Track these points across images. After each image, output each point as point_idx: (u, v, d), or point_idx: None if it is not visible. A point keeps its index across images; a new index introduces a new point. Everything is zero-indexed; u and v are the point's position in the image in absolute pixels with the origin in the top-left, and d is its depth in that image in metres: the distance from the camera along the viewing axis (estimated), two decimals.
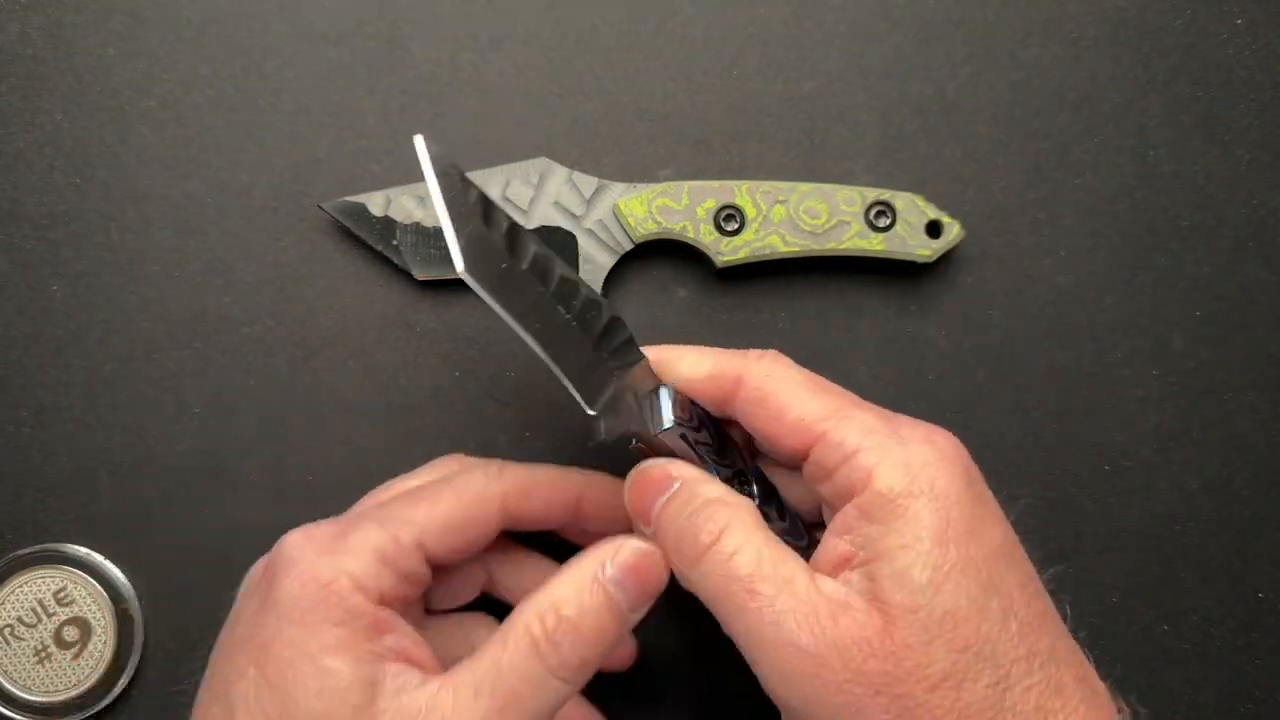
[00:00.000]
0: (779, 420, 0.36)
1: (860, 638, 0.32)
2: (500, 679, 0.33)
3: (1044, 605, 0.34)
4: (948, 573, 0.32)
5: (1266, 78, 0.49)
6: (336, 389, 0.46)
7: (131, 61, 0.47)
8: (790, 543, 0.35)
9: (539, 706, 0.33)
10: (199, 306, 0.46)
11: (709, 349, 0.38)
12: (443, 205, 0.33)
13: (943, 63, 0.48)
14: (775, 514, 0.38)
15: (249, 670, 0.33)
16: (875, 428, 0.35)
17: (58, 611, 0.45)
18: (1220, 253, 0.48)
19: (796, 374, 0.37)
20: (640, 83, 0.48)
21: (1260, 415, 0.48)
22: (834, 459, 0.34)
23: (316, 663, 0.32)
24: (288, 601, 0.33)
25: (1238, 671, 0.47)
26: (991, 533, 0.34)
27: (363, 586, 0.34)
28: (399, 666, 0.33)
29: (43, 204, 0.47)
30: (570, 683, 0.34)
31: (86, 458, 0.46)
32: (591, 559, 0.35)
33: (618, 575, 0.34)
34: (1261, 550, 0.47)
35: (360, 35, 0.47)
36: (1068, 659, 0.34)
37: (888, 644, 0.32)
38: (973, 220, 0.47)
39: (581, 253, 0.46)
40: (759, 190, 0.46)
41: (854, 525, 0.34)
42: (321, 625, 0.33)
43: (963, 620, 0.32)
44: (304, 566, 0.34)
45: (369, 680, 0.32)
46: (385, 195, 0.46)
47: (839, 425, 0.35)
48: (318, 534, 0.35)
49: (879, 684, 0.31)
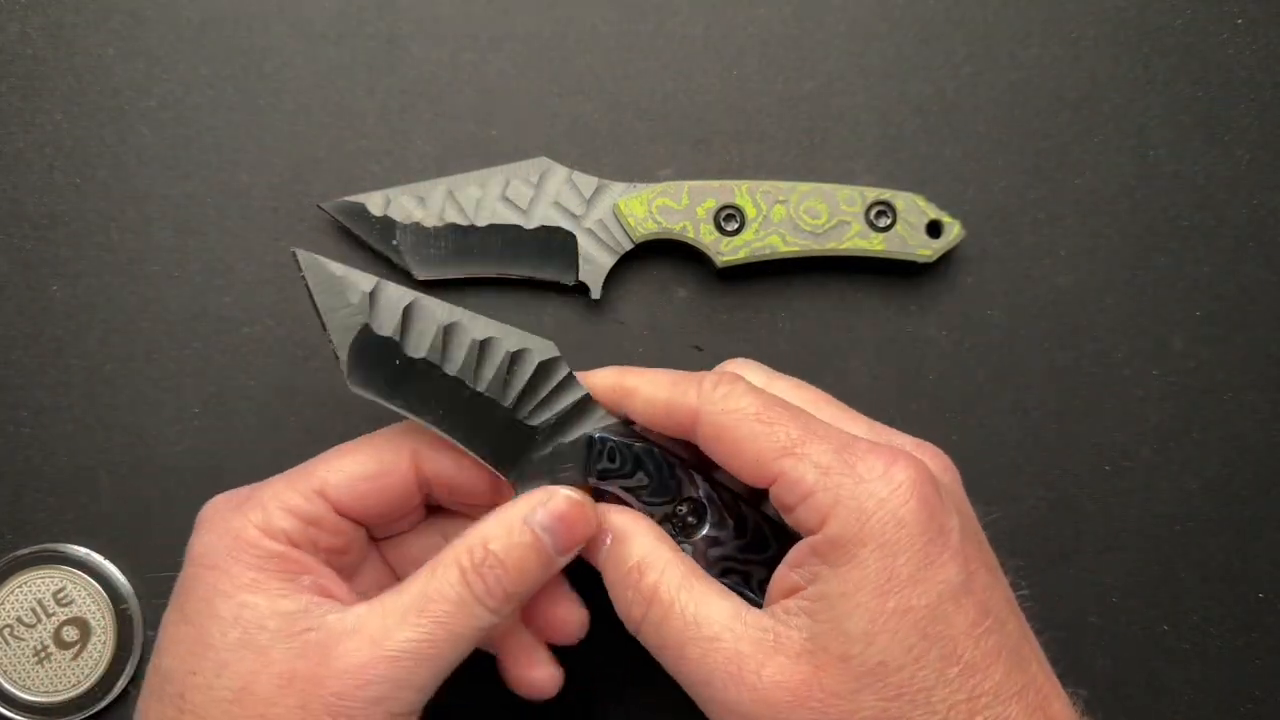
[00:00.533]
0: (737, 457, 0.36)
1: (786, 687, 0.33)
2: (428, 604, 0.34)
3: (997, 641, 0.33)
4: (884, 623, 0.32)
5: (1266, 78, 0.49)
6: (336, 389, 0.46)
7: (131, 61, 0.47)
8: (750, 559, 0.37)
9: (463, 631, 0.35)
10: (199, 306, 0.46)
11: (665, 377, 0.38)
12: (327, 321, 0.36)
13: (943, 63, 0.48)
14: (732, 534, 0.38)
15: (171, 616, 0.36)
16: (831, 465, 0.34)
17: (57, 611, 0.45)
18: (1220, 253, 0.48)
19: (752, 403, 0.36)
20: (640, 83, 0.48)
21: (1260, 415, 0.48)
22: (792, 498, 0.35)
23: (232, 598, 0.35)
24: (203, 552, 0.36)
25: (1238, 671, 0.47)
26: (942, 574, 0.33)
27: (270, 533, 0.36)
28: (317, 599, 0.35)
29: (43, 204, 0.47)
30: (494, 612, 0.35)
31: (86, 458, 0.46)
32: (524, 502, 0.36)
33: (546, 520, 0.36)
34: (1261, 550, 0.47)
35: (360, 35, 0.47)
36: (1021, 692, 0.33)
37: (815, 692, 0.32)
38: (973, 220, 0.47)
39: (581, 253, 0.46)
40: (759, 190, 0.46)
41: (805, 560, 0.34)
42: (235, 568, 0.35)
43: (895, 670, 0.32)
44: (216, 521, 0.36)
45: (287, 611, 0.35)
46: (385, 195, 0.46)
47: (795, 464, 0.34)
48: (233, 496, 0.38)
49: None
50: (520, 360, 0.37)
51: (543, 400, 0.38)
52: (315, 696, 0.33)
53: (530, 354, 0.38)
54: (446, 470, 0.38)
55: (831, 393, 0.42)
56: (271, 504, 0.36)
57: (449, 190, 0.46)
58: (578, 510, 0.37)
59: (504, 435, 0.37)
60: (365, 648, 0.34)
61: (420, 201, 0.46)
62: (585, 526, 0.37)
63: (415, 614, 0.34)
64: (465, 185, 0.46)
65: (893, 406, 0.47)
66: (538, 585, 0.36)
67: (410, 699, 0.34)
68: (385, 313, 0.37)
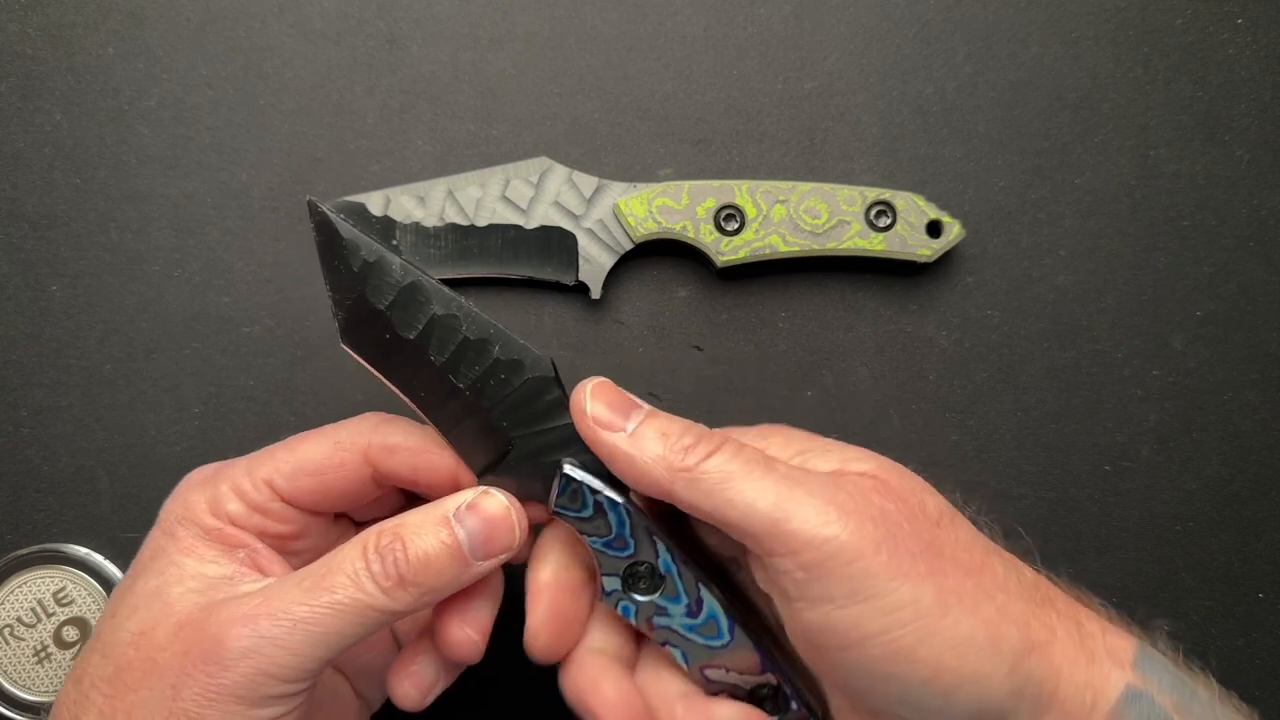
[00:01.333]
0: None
1: (867, 486, 0.35)
2: (325, 574, 0.35)
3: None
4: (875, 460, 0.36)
5: (1266, 78, 0.49)
6: (336, 389, 0.46)
7: (131, 61, 0.47)
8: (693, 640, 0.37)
9: (351, 606, 0.34)
10: (198, 306, 0.46)
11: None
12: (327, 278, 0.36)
13: (943, 63, 0.48)
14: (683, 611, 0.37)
15: (127, 574, 0.38)
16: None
17: (57, 611, 0.45)
18: (1220, 253, 0.48)
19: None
20: (640, 83, 0.48)
21: (1260, 415, 0.48)
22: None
23: (168, 557, 0.37)
24: (163, 518, 0.38)
25: (1238, 671, 0.47)
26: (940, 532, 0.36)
27: (216, 511, 0.37)
28: (245, 570, 0.37)
29: (43, 204, 0.47)
30: (390, 596, 0.35)
31: (86, 458, 0.46)
32: (454, 499, 0.36)
33: (470, 520, 0.36)
34: (1261, 550, 0.47)
35: (360, 35, 0.47)
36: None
37: (888, 489, 0.35)
38: (973, 220, 0.47)
39: (581, 252, 0.46)
40: (759, 190, 0.46)
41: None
42: (181, 535, 0.37)
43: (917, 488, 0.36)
44: (180, 494, 0.38)
45: (212, 576, 0.36)
46: (385, 195, 0.46)
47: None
48: (205, 470, 0.39)
49: (901, 520, 0.34)
50: (511, 370, 0.37)
51: (526, 416, 0.37)
52: (196, 642, 0.34)
53: (522, 367, 0.36)
54: (402, 470, 0.38)
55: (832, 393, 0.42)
56: (224, 485, 0.38)
57: (449, 190, 0.46)
58: (504, 519, 0.36)
59: (481, 437, 0.37)
60: (253, 604, 0.34)
61: (420, 201, 0.46)
62: (507, 537, 0.36)
63: (311, 582, 0.34)
64: (465, 185, 0.46)
65: (893, 406, 0.47)
66: (450, 585, 0.36)
67: (285, 661, 0.33)
68: (383, 287, 0.36)
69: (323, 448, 0.38)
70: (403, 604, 0.35)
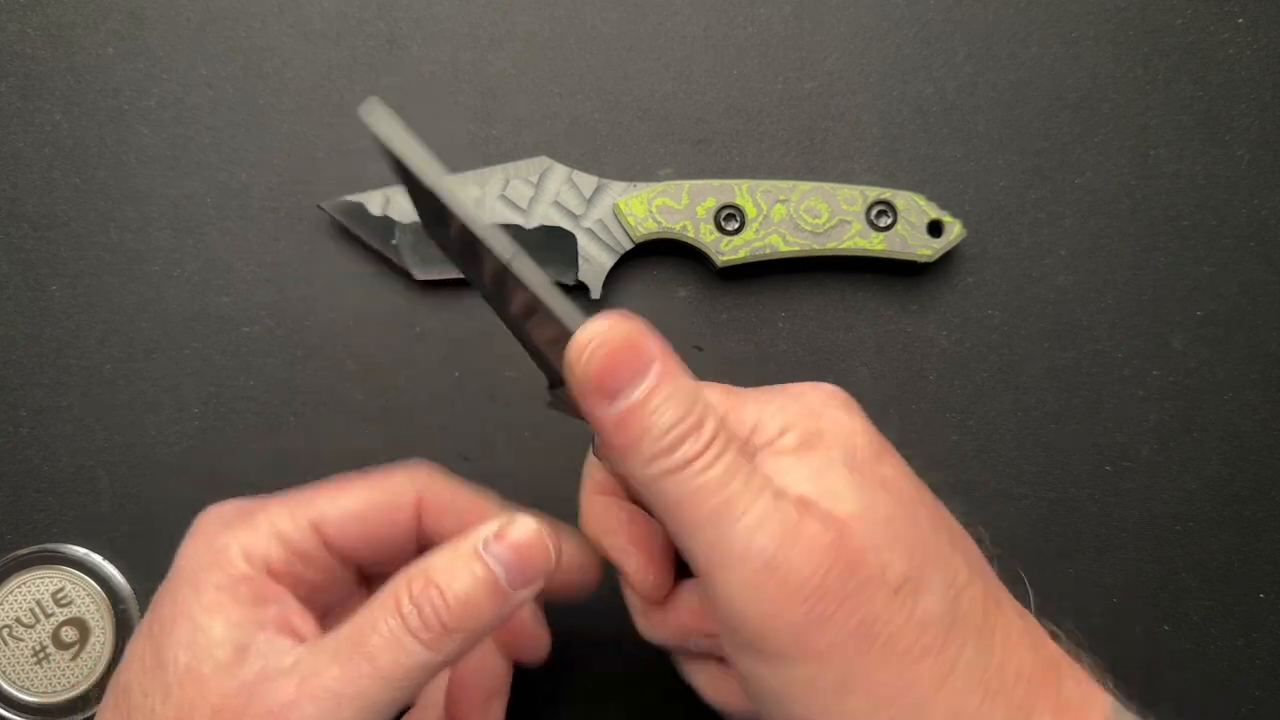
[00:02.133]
0: None
1: (821, 545, 0.31)
2: (360, 639, 0.32)
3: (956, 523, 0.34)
4: (871, 489, 0.32)
5: (1266, 78, 0.49)
6: (336, 389, 0.46)
7: (131, 61, 0.47)
8: None
9: (394, 669, 0.32)
10: (198, 306, 0.46)
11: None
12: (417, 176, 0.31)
13: (943, 63, 0.48)
14: None
15: (140, 629, 0.35)
16: None
17: (56, 612, 0.45)
18: (1220, 253, 0.48)
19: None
20: (640, 83, 0.48)
21: (1260, 415, 0.48)
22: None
23: (193, 619, 0.33)
24: (184, 565, 0.35)
25: (1238, 671, 0.47)
26: (893, 459, 0.34)
27: (250, 557, 0.34)
28: (274, 634, 0.33)
29: (42, 204, 0.47)
30: (433, 649, 0.32)
31: (86, 458, 0.46)
32: (478, 531, 0.34)
33: (501, 550, 0.33)
34: (1261, 550, 0.47)
35: (360, 35, 0.47)
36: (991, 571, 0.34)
37: (845, 551, 0.31)
38: (973, 220, 0.47)
39: (581, 252, 0.46)
40: (759, 189, 0.46)
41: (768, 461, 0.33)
42: (206, 587, 0.34)
43: (903, 526, 0.32)
44: (204, 535, 0.35)
45: (240, 642, 0.33)
46: (384, 194, 0.46)
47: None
48: (228, 508, 0.36)
49: (842, 594, 0.30)
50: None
51: None
52: None
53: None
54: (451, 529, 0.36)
55: None
56: (264, 526, 0.35)
57: None
58: (536, 542, 0.33)
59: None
60: (292, 687, 0.32)
61: None
62: (543, 559, 0.34)
63: (346, 650, 0.32)
64: (465, 185, 0.46)
65: (893, 406, 0.47)
66: (493, 622, 0.33)
67: None
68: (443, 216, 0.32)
69: (378, 494, 0.36)
70: (447, 653, 0.33)
